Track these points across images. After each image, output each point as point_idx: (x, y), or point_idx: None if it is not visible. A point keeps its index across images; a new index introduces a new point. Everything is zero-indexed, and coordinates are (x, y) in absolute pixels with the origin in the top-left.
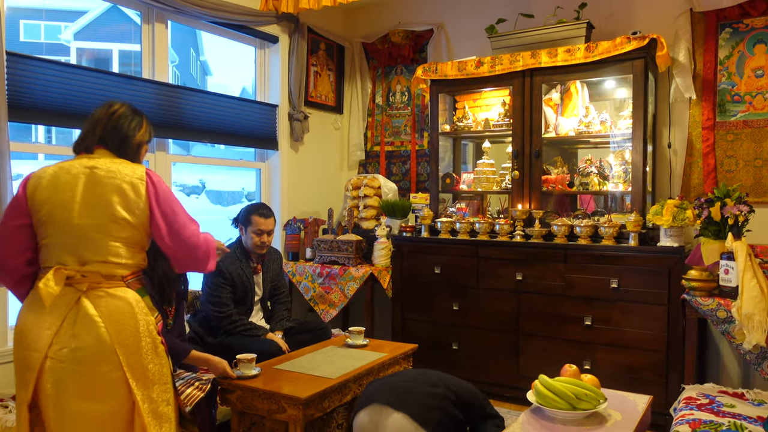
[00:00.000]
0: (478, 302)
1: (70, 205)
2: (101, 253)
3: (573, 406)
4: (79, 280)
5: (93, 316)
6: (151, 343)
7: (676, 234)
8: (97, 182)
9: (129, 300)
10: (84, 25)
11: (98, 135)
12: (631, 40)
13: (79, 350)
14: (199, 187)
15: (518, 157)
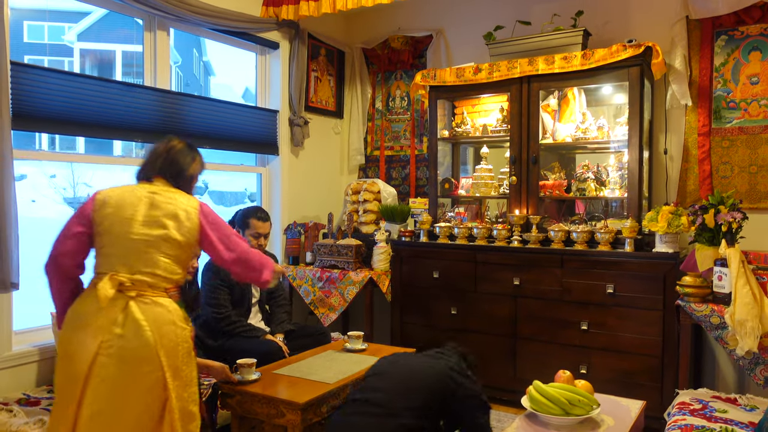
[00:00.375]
0: (476, 306)
1: (130, 222)
2: (150, 266)
3: (566, 412)
4: (129, 287)
5: (140, 320)
6: (187, 348)
7: (671, 240)
8: (156, 206)
9: (170, 308)
10: (87, 26)
11: (158, 167)
12: (626, 48)
13: (125, 350)
14: (201, 188)
15: (516, 163)
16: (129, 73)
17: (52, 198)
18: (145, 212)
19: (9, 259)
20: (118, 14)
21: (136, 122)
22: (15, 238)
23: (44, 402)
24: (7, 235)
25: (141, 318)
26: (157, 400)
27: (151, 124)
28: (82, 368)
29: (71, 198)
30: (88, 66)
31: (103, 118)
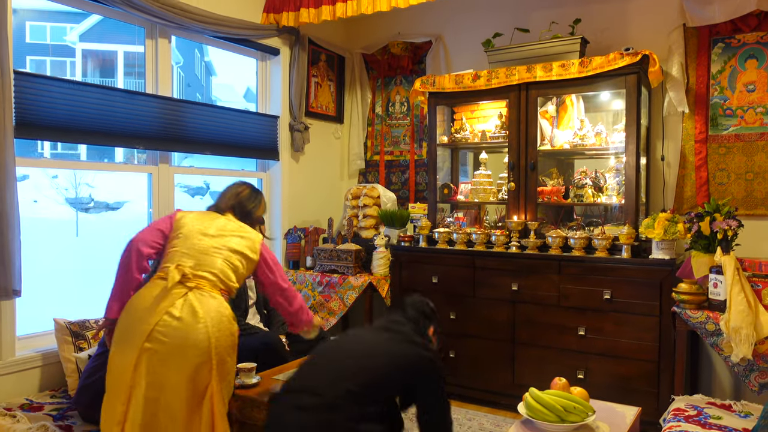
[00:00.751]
0: (474, 311)
1: (204, 230)
2: (211, 267)
3: (562, 419)
4: (190, 278)
5: (197, 308)
6: (232, 342)
7: (667, 247)
8: (227, 226)
9: (223, 303)
10: (89, 27)
11: (229, 205)
12: (624, 56)
13: (179, 330)
14: (203, 188)
15: (514, 169)
16: (131, 74)
17: (53, 198)
18: (218, 228)
19: (11, 266)
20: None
21: (138, 129)
22: (17, 245)
23: (47, 407)
24: (9, 242)
25: (198, 306)
26: (202, 382)
27: (154, 131)
28: (139, 341)
29: (73, 198)
30: (89, 66)
31: (105, 125)
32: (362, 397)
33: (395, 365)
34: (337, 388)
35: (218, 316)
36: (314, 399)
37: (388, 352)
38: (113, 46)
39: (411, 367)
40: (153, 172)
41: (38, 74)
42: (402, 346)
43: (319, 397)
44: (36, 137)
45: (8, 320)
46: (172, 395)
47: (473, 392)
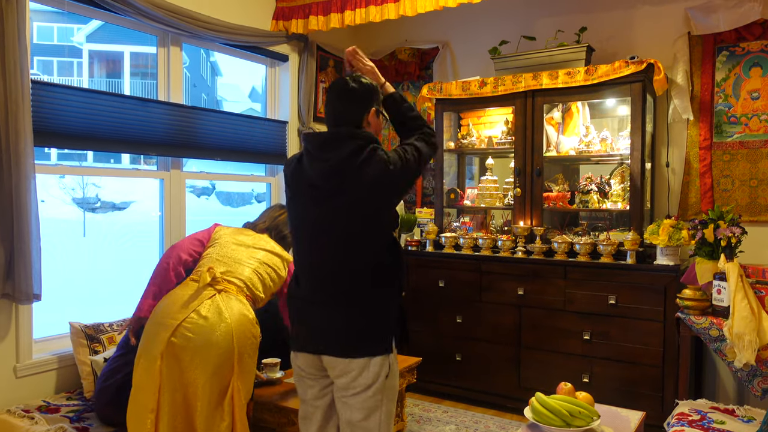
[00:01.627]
0: (481, 315)
1: (238, 242)
2: (241, 274)
3: (567, 423)
4: (219, 282)
5: (223, 308)
6: (254, 343)
7: (672, 253)
8: (263, 241)
9: (248, 307)
10: (96, 28)
11: (266, 227)
12: (629, 65)
13: (204, 328)
14: (209, 189)
15: (520, 175)
16: (136, 74)
17: (61, 198)
18: (254, 241)
19: (32, 271)
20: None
21: (150, 136)
22: (37, 251)
23: (64, 409)
24: (29, 248)
25: (223, 307)
26: (224, 379)
27: (165, 138)
28: (166, 334)
29: (80, 198)
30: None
31: (119, 132)
32: (367, 253)
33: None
34: (339, 274)
35: (241, 318)
36: (323, 293)
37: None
38: (120, 46)
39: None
40: (165, 178)
41: (55, 83)
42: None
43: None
44: (52, 145)
45: (25, 323)
46: (195, 391)
47: (479, 395)
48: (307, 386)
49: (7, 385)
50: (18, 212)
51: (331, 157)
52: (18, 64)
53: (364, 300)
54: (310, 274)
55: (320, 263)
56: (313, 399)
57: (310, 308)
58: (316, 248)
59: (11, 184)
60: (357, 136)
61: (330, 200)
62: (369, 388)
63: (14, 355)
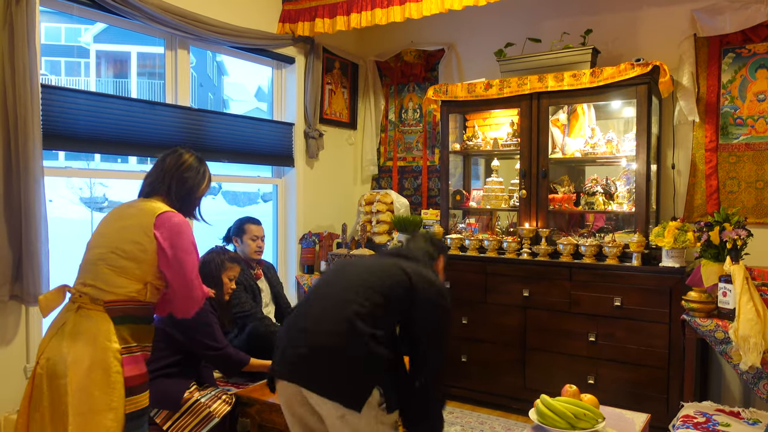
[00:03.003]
0: (486, 317)
1: (100, 232)
2: (95, 277)
3: (572, 426)
4: (76, 299)
5: (68, 334)
6: (103, 369)
7: (677, 255)
8: (127, 213)
9: (99, 326)
10: (103, 28)
11: (166, 186)
12: (634, 67)
13: (51, 363)
14: (215, 189)
15: (526, 177)
16: (143, 74)
17: (68, 198)
18: (115, 222)
19: (39, 273)
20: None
21: (158, 138)
22: (45, 253)
23: None
24: (38, 250)
25: (70, 332)
26: (60, 427)
27: (173, 140)
28: (28, 384)
29: (87, 198)
30: (103, 67)
31: (126, 135)
32: (369, 317)
33: (400, 282)
34: (343, 307)
35: (84, 341)
36: (320, 321)
37: (395, 275)
38: (127, 47)
39: (416, 286)
40: None
41: (64, 87)
42: (409, 265)
43: (325, 315)
44: (61, 148)
45: (35, 325)
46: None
47: (484, 396)
48: (288, 413)
49: (18, 386)
50: (26, 215)
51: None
52: (27, 67)
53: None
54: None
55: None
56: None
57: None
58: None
59: (20, 187)
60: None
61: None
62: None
63: (24, 357)
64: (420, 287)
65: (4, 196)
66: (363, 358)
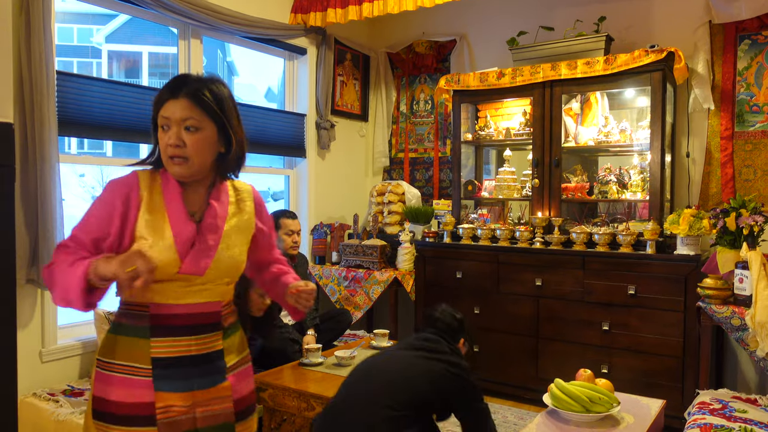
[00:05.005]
0: (498, 306)
1: None
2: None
3: (587, 409)
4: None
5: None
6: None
7: (692, 242)
8: None
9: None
10: (115, 29)
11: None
12: (649, 53)
13: None
14: None
15: (538, 166)
16: (155, 75)
17: (81, 196)
18: None
19: None
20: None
21: None
22: (61, 237)
23: (87, 393)
24: (54, 235)
25: None
26: None
27: None
28: None
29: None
30: (115, 67)
31: (138, 123)
32: (400, 419)
33: (432, 386)
34: (375, 410)
35: None
36: (353, 421)
37: (423, 373)
38: (138, 47)
39: (447, 387)
40: None
41: (78, 74)
42: (437, 367)
43: (357, 420)
44: (76, 135)
45: (50, 309)
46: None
47: (497, 386)
48: None
49: (33, 369)
50: (43, 199)
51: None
52: (43, 54)
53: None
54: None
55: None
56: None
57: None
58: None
59: (36, 172)
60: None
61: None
62: None
63: (40, 340)
64: (454, 385)
65: (21, 181)
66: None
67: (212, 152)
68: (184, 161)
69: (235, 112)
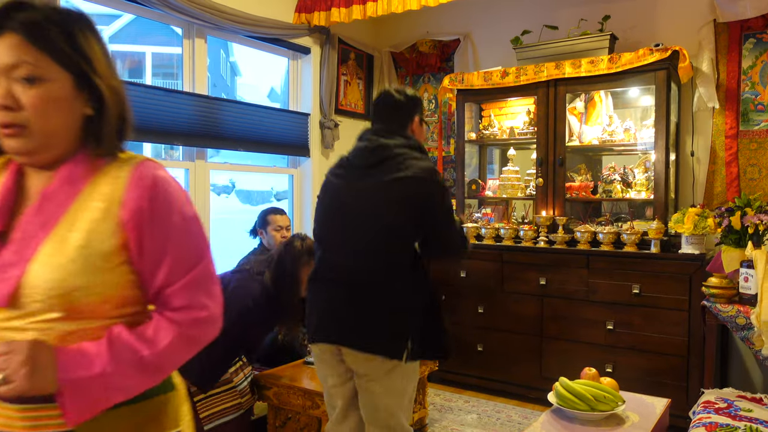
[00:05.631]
0: (502, 305)
1: None
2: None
3: (592, 408)
4: None
5: None
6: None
7: (697, 241)
8: None
9: None
10: (119, 29)
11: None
12: (653, 52)
13: None
14: (229, 187)
15: (542, 165)
16: (158, 75)
17: None
18: None
19: None
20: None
21: (175, 126)
22: None
23: None
24: None
25: None
26: None
27: (190, 128)
28: None
29: None
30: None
31: (144, 122)
32: (390, 256)
33: (405, 214)
34: (361, 261)
35: None
36: (344, 275)
37: (390, 204)
38: (142, 47)
39: (418, 202)
40: (190, 168)
41: None
42: (401, 186)
43: (348, 271)
44: None
45: None
46: None
47: (501, 385)
48: (326, 374)
49: None
50: None
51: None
52: None
53: (392, 295)
54: (340, 261)
55: (356, 251)
56: (333, 387)
57: (332, 293)
58: (353, 235)
59: None
60: (404, 144)
61: (372, 190)
62: (388, 373)
63: None
64: (414, 191)
65: None
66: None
67: (69, 115)
68: (19, 131)
69: (103, 53)
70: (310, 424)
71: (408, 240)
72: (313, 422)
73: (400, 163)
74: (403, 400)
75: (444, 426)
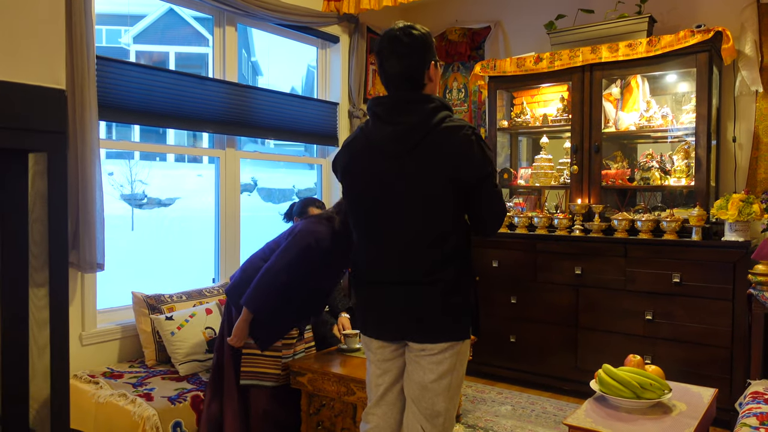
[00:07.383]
0: (536, 296)
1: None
2: None
3: (637, 395)
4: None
5: None
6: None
7: (741, 228)
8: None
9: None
10: (142, 29)
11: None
12: (695, 34)
13: None
14: (251, 185)
15: (577, 152)
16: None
17: (111, 194)
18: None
19: (95, 241)
20: (172, 17)
21: (205, 113)
22: (101, 221)
23: (126, 376)
24: (94, 219)
25: None
26: None
27: (221, 116)
28: None
29: (128, 195)
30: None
31: (178, 109)
32: (436, 243)
33: (444, 189)
34: (409, 257)
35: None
36: (394, 275)
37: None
38: (165, 47)
39: (455, 171)
40: (221, 156)
41: (118, 59)
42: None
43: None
44: (115, 120)
45: (90, 293)
46: None
47: (535, 377)
48: (377, 347)
49: (73, 352)
50: (83, 183)
51: (404, 120)
52: (84, 37)
53: (444, 277)
54: (381, 252)
55: (395, 237)
56: (381, 361)
57: (380, 290)
58: (389, 221)
59: (77, 155)
60: (429, 100)
61: (403, 166)
62: (444, 351)
63: (80, 324)
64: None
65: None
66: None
67: None
68: None
69: None
70: (345, 410)
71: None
72: (348, 409)
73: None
74: (452, 381)
75: (478, 417)
